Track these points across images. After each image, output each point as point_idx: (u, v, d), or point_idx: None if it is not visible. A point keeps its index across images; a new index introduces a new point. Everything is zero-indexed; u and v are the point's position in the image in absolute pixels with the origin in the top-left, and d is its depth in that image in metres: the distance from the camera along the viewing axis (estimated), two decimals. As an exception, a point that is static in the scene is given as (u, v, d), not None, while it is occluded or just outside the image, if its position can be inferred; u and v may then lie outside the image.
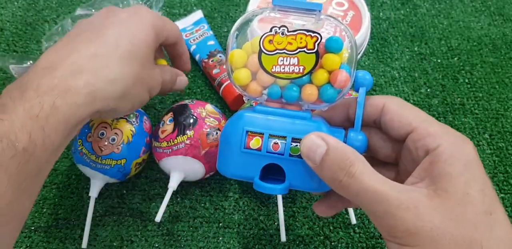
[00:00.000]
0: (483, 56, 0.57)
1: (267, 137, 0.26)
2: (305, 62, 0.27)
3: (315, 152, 0.24)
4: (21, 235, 0.42)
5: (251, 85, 0.28)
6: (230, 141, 0.27)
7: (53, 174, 0.46)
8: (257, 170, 0.27)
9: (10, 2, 0.61)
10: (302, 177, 0.26)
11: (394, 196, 0.22)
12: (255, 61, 0.27)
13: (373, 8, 0.61)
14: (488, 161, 0.48)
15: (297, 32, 0.26)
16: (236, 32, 0.28)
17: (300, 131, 0.26)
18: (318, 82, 0.27)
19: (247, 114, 0.27)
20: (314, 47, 0.26)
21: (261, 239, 0.42)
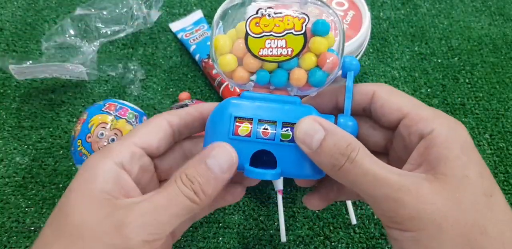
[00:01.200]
0: (483, 56, 0.56)
1: (256, 123, 0.25)
2: (293, 44, 0.26)
3: (312, 137, 0.23)
4: (20, 235, 0.42)
5: (237, 71, 0.27)
6: (217, 129, 0.26)
7: (53, 174, 0.46)
8: (247, 157, 0.25)
9: (10, 2, 0.61)
10: (294, 163, 0.25)
11: (394, 180, 0.21)
12: (241, 46, 0.26)
13: (373, 8, 0.61)
14: (489, 161, 0.47)
15: (284, 14, 0.26)
16: (219, 18, 0.27)
17: (290, 116, 0.25)
18: (307, 65, 0.27)
19: (234, 101, 0.26)
20: (301, 28, 0.26)
21: (261, 239, 0.42)
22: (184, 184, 0.23)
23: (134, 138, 0.25)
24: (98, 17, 0.56)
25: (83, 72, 0.50)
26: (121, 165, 0.24)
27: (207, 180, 0.23)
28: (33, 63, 0.48)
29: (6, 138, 0.48)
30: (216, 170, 0.23)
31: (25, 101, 0.51)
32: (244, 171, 0.25)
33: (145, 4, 0.58)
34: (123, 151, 0.24)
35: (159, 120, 0.27)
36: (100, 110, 0.41)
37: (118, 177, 0.24)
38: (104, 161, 0.24)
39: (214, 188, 0.24)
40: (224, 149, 0.24)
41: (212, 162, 0.23)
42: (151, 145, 0.26)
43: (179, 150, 0.28)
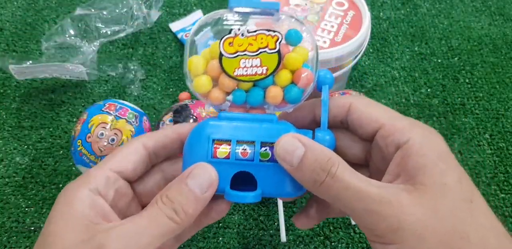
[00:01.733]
0: (483, 56, 0.56)
1: (234, 144, 0.25)
2: (268, 63, 0.26)
3: (292, 155, 0.23)
4: (20, 235, 0.42)
5: (213, 92, 0.27)
6: (196, 152, 0.25)
7: (53, 174, 0.46)
8: (228, 180, 0.25)
9: (10, 2, 0.61)
10: (275, 183, 0.25)
11: (374, 192, 0.21)
12: (216, 66, 0.26)
13: (373, 8, 0.61)
14: (489, 161, 0.47)
15: (257, 32, 0.26)
16: (193, 38, 0.27)
17: (268, 135, 0.25)
18: (282, 82, 0.26)
19: (212, 122, 0.26)
20: (275, 46, 0.26)
21: (261, 239, 0.42)
22: (165, 204, 0.23)
23: (109, 163, 0.26)
24: (98, 17, 0.56)
25: (83, 72, 0.50)
26: (96, 191, 0.24)
27: (188, 199, 0.24)
28: (33, 63, 0.48)
29: (6, 138, 0.48)
30: (196, 189, 0.24)
31: (25, 101, 0.51)
32: (224, 194, 0.25)
33: (145, 4, 0.58)
34: (97, 177, 0.25)
35: (134, 143, 0.27)
36: (100, 110, 0.41)
37: (94, 202, 0.24)
38: (79, 189, 0.24)
39: (195, 207, 0.24)
40: (204, 168, 0.25)
41: (193, 182, 0.24)
42: (126, 168, 0.26)
43: (159, 172, 0.29)
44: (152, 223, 0.23)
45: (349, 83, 0.53)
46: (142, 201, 0.28)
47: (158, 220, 0.23)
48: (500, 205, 0.44)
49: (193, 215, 0.24)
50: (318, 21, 0.44)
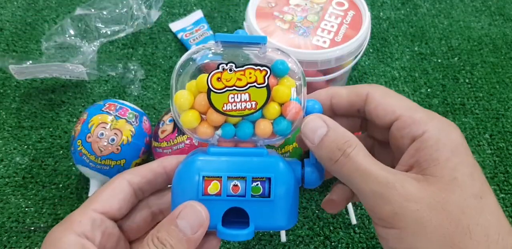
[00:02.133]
0: (483, 56, 0.56)
1: (225, 180, 0.25)
2: (257, 97, 0.26)
3: (315, 133, 0.24)
4: (20, 235, 0.42)
5: (201, 127, 0.26)
6: (185, 189, 0.25)
7: (53, 174, 0.46)
8: (219, 216, 0.25)
9: (10, 2, 0.61)
10: (267, 217, 0.25)
11: (382, 176, 0.22)
12: (204, 101, 0.26)
13: (373, 8, 0.61)
14: (489, 161, 0.47)
15: (245, 67, 0.26)
16: (179, 71, 0.27)
17: (259, 169, 0.25)
18: (271, 115, 0.26)
19: (201, 158, 0.26)
20: (264, 81, 0.26)
21: (261, 239, 0.42)
22: (156, 247, 0.23)
23: (94, 204, 0.26)
24: (98, 17, 0.56)
25: (83, 72, 0.50)
26: (83, 235, 0.24)
27: (179, 241, 0.23)
28: (33, 63, 0.48)
29: (6, 138, 0.48)
30: (187, 231, 0.24)
31: (25, 101, 0.51)
32: (216, 231, 0.25)
33: (145, 4, 0.58)
34: (83, 221, 0.25)
35: (118, 181, 0.27)
36: (100, 110, 0.41)
37: (83, 247, 0.24)
38: (65, 233, 0.24)
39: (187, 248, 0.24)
40: (194, 208, 0.24)
41: (183, 223, 0.24)
42: (112, 208, 0.26)
43: (145, 208, 0.29)
44: None
45: (349, 83, 0.53)
46: (130, 237, 0.28)
47: None
48: (500, 205, 0.44)
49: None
50: (318, 21, 0.44)
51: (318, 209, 0.44)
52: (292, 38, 0.42)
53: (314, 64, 0.41)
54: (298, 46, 0.41)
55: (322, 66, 0.42)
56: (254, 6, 0.45)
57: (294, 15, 0.44)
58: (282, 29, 0.43)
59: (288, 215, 0.25)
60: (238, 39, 0.27)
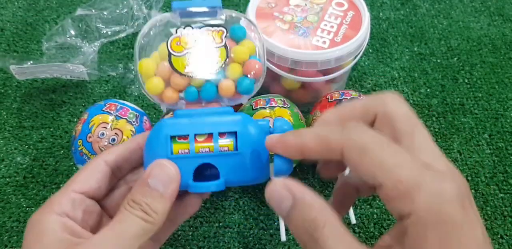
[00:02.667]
0: (482, 56, 0.57)
1: (192, 138, 0.25)
2: None
3: (279, 206, 0.21)
4: (21, 235, 0.42)
5: (166, 92, 0.27)
6: (155, 151, 0.25)
7: (54, 174, 0.46)
8: (190, 174, 0.25)
9: (11, 2, 0.61)
10: (237, 171, 0.25)
11: None
12: (166, 67, 0.26)
13: (372, 8, 0.61)
14: (488, 161, 0.48)
15: (202, 29, 0.26)
16: (141, 41, 0.27)
17: (225, 125, 0.25)
18: (233, 75, 0.27)
19: (168, 121, 0.26)
20: (222, 40, 0.26)
21: (261, 238, 0.42)
22: (133, 208, 0.24)
23: (72, 185, 0.26)
24: (98, 18, 0.56)
25: (84, 72, 0.50)
26: (64, 214, 0.25)
27: (154, 199, 0.24)
28: (34, 63, 0.49)
29: (7, 138, 0.48)
30: (159, 187, 0.24)
31: (26, 101, 0.52)
32: (188, 188, 0.25)
33: (146, 4, 0.58)
34: (62, 201, 0.25)
35: (95, 161, 0.27)
36: (101, 110, 0.41)
37: (64, 224, 0.24)
38: (46, 215, 0.24)
39: (163, 205, 0.24)
40: (162, 165, 0.25)
41: (154, 181, 0.24)
42: (90, 188, 0.26)
43: (123, 185, 0.29)
44: (126, 227, 0.23)
45: (348, 83, 0.54)
46: (111, 214, 0.28)
47: (130, 223, 0.23)
48: (499, 204, 0.44)
49: (163, 213, 0.24)
50: (318, 22, 0.44)
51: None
52: (292, 39, 0.42)
53: (314, 64, 0.41)
54: (298, 47, 0.41)
55: (322, 67, 0.42)
56: (254, 6, 0.45)
57: (294, 15, 0.44)
58: (282, 29, 0.43)
59: (258, 168, 0.26)
60: (193, 4, 0.27)
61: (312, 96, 0.49)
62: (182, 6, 0.27)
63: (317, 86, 0.48)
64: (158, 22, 0.28)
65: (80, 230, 0.25)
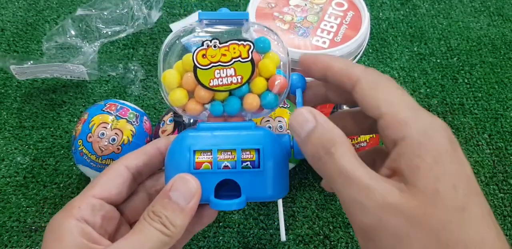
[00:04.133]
0: (482, 56, 0.57)
1: (216, 153, 0.25)
2: (242, 72, 0.26)
3: (302, 127, 0.23)
4: (21, 235, 0.42)
5: (190, 104, 0.27)
6: (178, 164, 0.26)
7: (54, 174, 0.46)
8: (211, 189, 0.25)
9: (11, 3, 0.61)
10: (258, 187, 0.26)
11: (364, 183, 0.20)
12: (191, 79, 0.26)
13: (372, 8, 0.61)
14: (488, 161, 0.48)
15: (229, 43, 0.26)
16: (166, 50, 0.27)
17: (248, 141, 0.26)
18: (257, 89, 0.27)
19: (191, 134, 0.26)
20: (248, 55, 0.26)
21: (261, 238, 0.42)
22: (152, 220, 0.24)
23: (92, 190, 0.26)
24: (98, 18, 0.56)
25: (84, 72, 0.50)
26: (83, 220, 0.25)
27: (173, 212, 0.24)
28: (34, 63, 0.49)
29: (7, 138, 0.48)
30: (180, 201, 0.24)
31: (26, 101, 0.52)
32: (210, 203, 0.25)
33: (146, 4, 0.58)
34: (82, 206, 0.25)
35: (115, 166, 0.27)
36: (101, 110, 0.41)
37: (83, 230, 0.24)
38: (65, 219, 0.25)
39: (183, 218, 0.24)
40: (185, 179, 0.25)
41: (175, 195, 0.24)
42: (110, 193, 0.26)
43: (143, 191, 0.29)
44: (144, 239, 0.23)
45: (348, 83, 0.54)
46: (131, 221, 0.28)
47: (149, 235, 0.23)
48: (499, 204, 0.45)
49: (182, 226, 0.24)
50: (317, 22, 0.44)
51: (317, 208, 0.44)
52: (292, 39, 0.42)
53: (314, 64, 0.42)
54: (298, 47, 0.42)
55: (322, 66, 0.42)
56: (254, 6, 0.45)
57: (294, 15, 0.44)
58: (282, 29, 0.43)
59: (279, 185, 0.26)
60: (220, 17, 0.27)
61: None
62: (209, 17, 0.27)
63: (317, 86, 0.48)
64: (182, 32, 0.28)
65: (98, 236, 0.25)
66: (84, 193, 0.26)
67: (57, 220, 0.25)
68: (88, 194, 0.26)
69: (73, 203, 0.25)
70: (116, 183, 0.27)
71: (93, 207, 0.25)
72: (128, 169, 0.27)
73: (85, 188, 0.26)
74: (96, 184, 0.26)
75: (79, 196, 0.26)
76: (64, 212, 0.25)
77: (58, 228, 0.24)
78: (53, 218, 0.25)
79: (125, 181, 0.27)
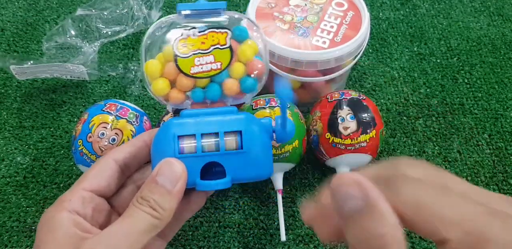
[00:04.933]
0: (482, 56, 0.57)
1: (199, 137, 0.26)
2: (221, 58, 0.27)
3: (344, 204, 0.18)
4: (21, 235, 0.42)
5: (172, 93, 0.28)
6: (163, 150, 0.26)
7: (54, 174, 0.46)
8: (197, 172, 0.26)
9: (11, 2, 0.61)
10: (242, 168, 0.26)
11: None
12: (172, 68, 0.27)
13: (372, 8, 0.62)
14: (488, 161, 0.48)
15: (207, 31, 0.27)
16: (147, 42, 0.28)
17: (230, 124, 0.26)
18: (237, 74, 0.28)
19: (175, 121, 0.27)
20: (226, 42, 0.27)
21: (261, 238, 0.42)
22: (141, 204, 0.24)
23: (82, 183, 0.27)
24: (98, 18, 0.56)
25: (84, 72, 0.50)
26: (74, 211, 0.25)
27: (161, 195, 0.25)
28: (34, 63, 0.49)
29: (7, 138, 0.48)
30: (167, 184, 0.25)
31: (26, 101, 0.52)
32: (196, 186, 0.26)
33: (146, 4, 0.58)
34: (73, 199, 0.26)
35: (103, 160, 0.28)
36: (101, 110, 0.41)
37: (75, 221, 0.25)
38: (58, 212, 0.25)
39: (171, 201, 0.25)
40: (170, 163, 0.25)
41: (162, 179, 0.25)
42: (100, 186, 0.27)
43: (131, 183, 0.30)
44: (134, 222, 0.24)
45: (348, 83, 0.54)
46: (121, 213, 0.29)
47: (139, 218, 0.24)
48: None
49: (171, 209, 0.25)
50: (317, 22, 0.44)
51: (317, 208, 0.44)
52: (292, 39, 0.42)
53: (314, 64, 0.42)
54: (298, 47, 0.42)
55: (322, 67, 0.42)
56: (254, 6, 0.45)
57: (294, 15, 0.44)
58: (282, 29, 0.43)
59: (263, 164, 0.26)
60: (198, 7, 0.28)
61: (312, 96, 0.49)
62: (187, 8, 0.28)
63: (317, 86, 0.48)
64: (163, 24, 0.29)
65: (90, 226, 0.26)
66: (74, 186, 0.27)
67: (49, 213, 0.25)
68: (78, 187, 0.27)
69: (64, 197, 0.26)
70: (105, 176, 0.27)
71: (84, 200, 0.26)
72: (116, 162, 0.28)
73: (75, 182, 0.27)
74: (85, 178, 0.27)
75: (70, 190, 0.27)
76: (56, 205, 0.26)
77: (51, 220, 0.25)
78: (45, 212, 0.26)
79: (113, 173, 0.28)
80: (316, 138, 0.42)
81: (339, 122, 0.41)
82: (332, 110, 0.41)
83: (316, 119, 0.42)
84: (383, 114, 0.51)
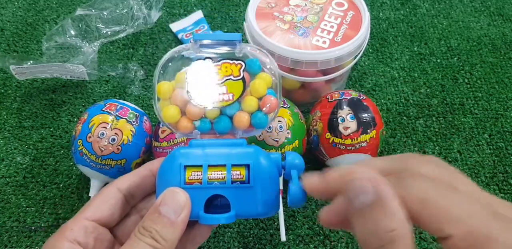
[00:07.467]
0: (482, 56, 0.57)
1: (206, 169, 0.25)
2: (234, 89, 0.27)
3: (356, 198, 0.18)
4: (21, 235, 0.42)
5: (182, 121, 0.28)
6: (168, 179, 0.26)
7: (54, 174, 0.46)
8: (201, 204, 0.25)
9: (11, 2, 0.61)
10: (248, 203, 0.26)
11: None
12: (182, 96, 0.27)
13: (372, 8, 0.61)
14: (488, 161, 0.48)
15: (221, 62, 0.27)
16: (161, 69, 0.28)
17: (238, 157, 0.26)
18: (248, 108, 0.28)
19: (182, 151, 0.26)
20: (239, 74, 0.27)
21: (261, 238, 0.42)
22: (143, 235, 0.24)
23: (85, 212, 0.26)
24: (98, 18, 0.56)
25: (84, 72, 0.50)
26: (75, 241, 0.25)
27: (164, 226, 0.24)
28: (34, 63, 0.49)
29: (7, 138, 0.48)
30: (170, 215, 0.24)
31: (26, 101, 0.52)
32: (198, 219, 0.25)
33: (146, 4, 0.58)
34: (75, 228, 0.25)
35: (108, 189, 0.27)
36: (101, 110, 0.41)
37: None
38: (58, 241, 0.25)
39: (174, 232, 0.24)
40: (174, 193, 0.25)
41: (165, 209, 0.24)
42: (103, 215, 0.27)
43: (135, 213, 0.29)
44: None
45: (348, 83, 0.54)
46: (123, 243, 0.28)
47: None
48: (499, 204, 0.44)
49: (173, 240, 0.24)
50: (318, 22, 0.44)
51: (318, 208, 0.44)
52: (292, 38, 0.42)
53: (314, 64, 0.41)
54: (298, 46, 0.41)
55: (322, 66, 0.42)
56: (254, 6, 0.45)
57: (294, 15, 0.44)
58: (282, 29, 0.43)
59: (268, 202, 0.26)
60: (214, 38, 0.28)
61: (312, 96, 0.49)
62: (203, 38, 0.28)
63: (317, 86, 0.48)
64: (176, 53, 0.29)
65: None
66: (77, 215, 0.26)
67: (50, 242, 0.25)
68: (81, 216, 0.26)
69: (67, 226, 0.26)
70: (108, 205, 0.27)
71: (86, 229, 0.26)
72: (120, 191, 0.27)
73: (79, 211, 0.27)
74: (88, 207, 0.27)
75: (72, 219, 0.26)
76: (58, 234, 0.25)
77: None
78: (47, 240, 0.25)
79: (117, 202, 0.27)
80: (316, 138, 0.42)
81: (339, 122, 0.40)
82: (332, 110, 0.41)
83: (316, 119, 0.42)
84: (383, 114, 0.51)
